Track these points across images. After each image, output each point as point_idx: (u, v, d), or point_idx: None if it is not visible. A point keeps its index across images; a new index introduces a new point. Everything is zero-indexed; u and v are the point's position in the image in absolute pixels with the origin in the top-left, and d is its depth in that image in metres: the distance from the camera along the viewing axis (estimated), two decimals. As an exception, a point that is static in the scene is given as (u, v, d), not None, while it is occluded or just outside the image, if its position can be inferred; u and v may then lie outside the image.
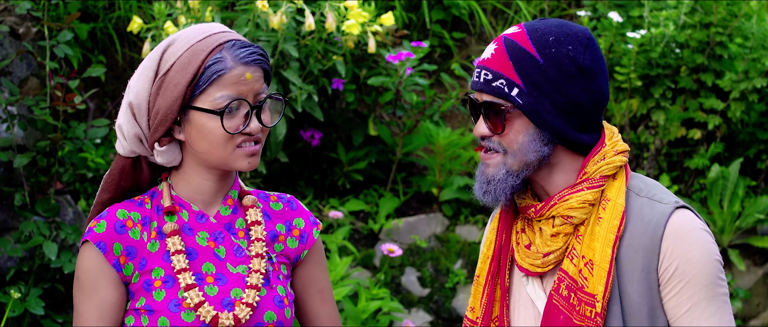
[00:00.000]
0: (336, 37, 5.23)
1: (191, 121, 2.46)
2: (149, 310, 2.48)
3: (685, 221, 2.46)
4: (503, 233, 2.60)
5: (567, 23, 2.50)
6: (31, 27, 4.79)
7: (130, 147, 2.51)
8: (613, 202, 2.48)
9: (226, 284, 2.51)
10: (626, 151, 2.54)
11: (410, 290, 5.49)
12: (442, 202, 5.74)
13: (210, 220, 2.54)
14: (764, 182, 5.92)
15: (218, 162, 2.48)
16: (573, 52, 2.45)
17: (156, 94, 2.46)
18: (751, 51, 5.74)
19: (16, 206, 4.50)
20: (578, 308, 2.45)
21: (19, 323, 4.49)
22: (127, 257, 2.49)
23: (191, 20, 4.96)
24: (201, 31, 2.49)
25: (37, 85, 4.84)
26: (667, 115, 5.81)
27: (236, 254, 2.54)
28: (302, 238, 2.64)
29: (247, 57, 2.46)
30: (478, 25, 6.53)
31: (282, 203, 2.65)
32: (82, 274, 2.49)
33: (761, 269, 5.73)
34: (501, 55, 2.46)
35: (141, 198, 2.55)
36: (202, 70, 2.43)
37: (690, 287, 2.44)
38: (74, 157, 4.65)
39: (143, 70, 2.48)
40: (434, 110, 5.58)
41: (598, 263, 2.45)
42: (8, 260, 4.55)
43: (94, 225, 2.49)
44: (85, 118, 5.47)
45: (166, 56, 2.46)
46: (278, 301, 2.55)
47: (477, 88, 2.49)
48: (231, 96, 2.43)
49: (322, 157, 5.78)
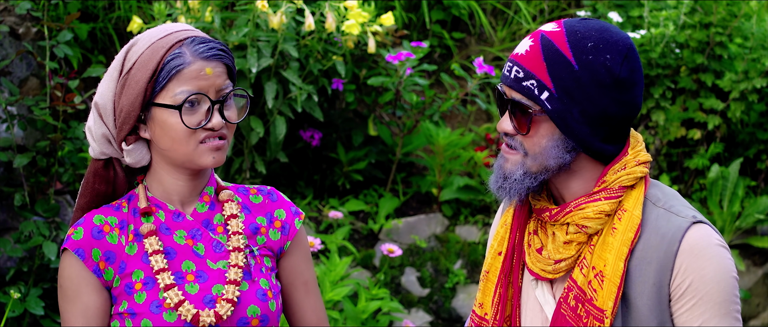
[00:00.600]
0: (336, 38, 5.23)
1: (154, 118, 2.46)
2: (132, 313, 2.48)
3: (701, 237, 2.39)
4: (517, 232, 2.55)
5: (609, 28, 2.41)
6: (30, 27, 4.79)
7: (100, 148, 2.52)
8: (630, 214, 2.41)
9: (207, 281, 2.50)
10: (648, 162, 2.47)
11: (410, 290, 5.49)
12: (441, 202, 5.74)
13: (187, 218, 2.54)
14: (764, 182, 5.92)
15: (183, 159, 2.48)
16: (611, 61, 2.36)
17: (120, 93, 2.47)
18: (750, 51, 5.75)
19: (15, 206, 4.50)
20: (585, 321, 2.40)
21: (18, 323, 4.48)
22: (106, 262, 2.49)
23: (191, 20, 4.96)
24: (163, 29, 2.50)
25: (36, 85, 4.84)
26: (666, 115, 5.81)
27: (216, 250, 2.54)
28: (284, 229, 2.62)
29: (207, 52, 2.46)
30: (477, 25, 6.53)
31: (262, 195, 2.64)
32: (65, 281, 2.50)
33: (761, 269, 5.73)
34: (536, 53, 2.38)
35: (118, 202, 2.55)
36: (161, 66, 2.44)
37: (702, 304, 2.38)
38: (74, 157, 4.65)
39: (109, 71, 2.50)
40: (434, 110, 5.58)
41: (609, 277, 2.39)
42: (8, 260, 4.55)
43: (72, 232, 2.50)
44: (85, 118, 5.47)
45: (129, 56, 2.48)
46: (261, 295, 2.53)
47: (507, 84, 2.41)
48: (190, 91, 2.43)
49: (322, 157, 5.78)
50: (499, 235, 2.59)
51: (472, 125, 6.22)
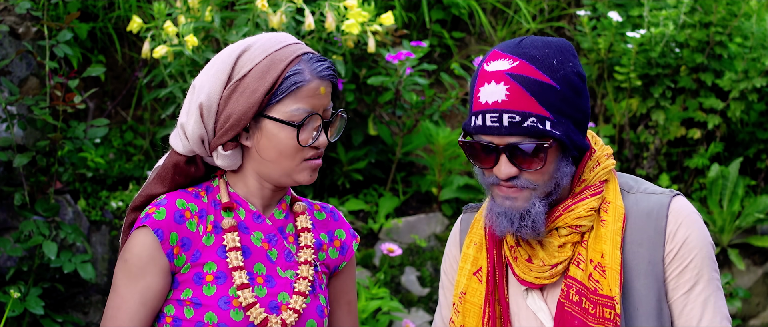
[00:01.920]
0: (335, 37, 5.23)
1: (262, 130, 2.46)
2: (196, 303, 2.47)
3: (683, 207, 2.51)
4: (494, 250, 2.58)
5: (548, 40, 2.48)
6: (30, 26, 4.79)
7: (191, 146, 2.50)
8: (614, 204, 2.50)
9: (275, 287, 2.52)
10: (612, 153, 2.56)
11: (410, 290, 5.49)
12: (441, 201, 5.74)
13: (266, 222, 2.55)
14: (764, 182, 5.92)
15: (282, 172, 2.49)
16: (574, 66, 2.45)
17: (228, 98, 2.45)
18: (750, 50, 5.74)
19: (15, 206, 4.51)
20: (593, 311, 2.45)
21: (18, 323, 4.49)
22: (181, 248, 2.48)
23: (190, 20, 4.96)
24: (277, 40, 2.49)
25: (36, 85, 4.84)
26: (666, 115, 5.81)
27: (287, 259, 2.56)
28: (343, 249, 2.67)
29: (324, 71, 2.47)
30: (477, 24, 6.53)
31: (325, 213, 2.68)
32: (132, 257, 2.47)
33: (761, 269, 5.73)
34: (518, 93, 2.40)
35: (195, 190, 2.54)
36: (281, 80, 2.44)
37: (688, 271, 2.48)
38: (74, 157, 4.65)
39: (215, 73, 2.47)
40: (434, 110, 5.58)
41: (609, 266, 2.45)
42: (8, 260, 4.55)
43: (153, 211, 2.47)
44: (85, 118, 5.47)
45: (242, 61, 2.46)
46: (320, 310, 2.57)
47: (499, 133, 2.41)
48: (307, 109, 2.45)
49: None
50: (470, 255, 2.62)
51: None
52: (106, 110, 5.67)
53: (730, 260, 5.68)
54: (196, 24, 4.94)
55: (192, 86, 2.50)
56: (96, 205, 5.15)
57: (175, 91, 4.95)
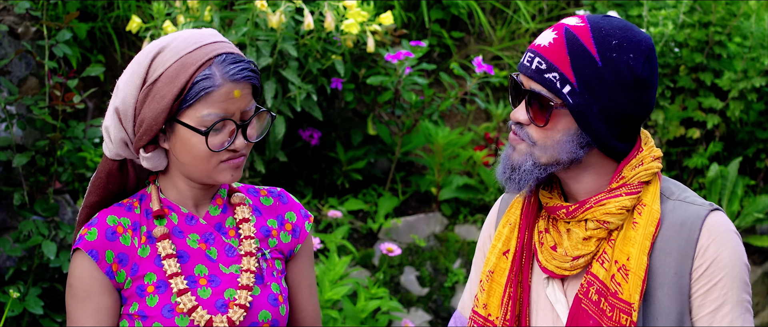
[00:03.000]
0: (335, 37, 5.23)
1: (176, 133, 2.42)
2: (143, 315, 2.46)
3: (719, 223, 2.43)
4: (526, 230, 2.54)
5: (632, 27, 2.43)
6: (29, 26, 4.79)
7: (116, 150, 2.48)
8: (649, 208, 2.44)
9: (220, 285, 2.49)
10: (661, 157, 2.50)
11: (409, 289, 5.49)
12: (441, 201, 5.74)
13: (200, 222, 2.52)
14: (763, 181, 5.92)
15: (201, 175, 2.46)
16: (633, 60, 2.38)
17: (142, 102, 2.41)
18: (750, 50, 5.74)
19: (15, 206, 4.50)
20: (610, 314, 2.41)
21: (18, 323, 4.48)
22: (119, 264, 2.46)
23: (190, 19, 4.96)
24: (192, 40, 2.42)
25: (36, 85, 4.84)
26: (666, 115, 5.81)
27: (228, 254, 2.52)
28: (294, 232, 2.62)
29: (238, 74, 2.40)
30: (477, 24, 6.53)
31: (272, 197, 2.62)
32: (75, 281, 2.47)
33: (760, 268, 5.73)
34: (559, 46, 2.38)
35: (129, 202, 2.52)
36: (189, 85, 2.37)
37: (717, 289, 2.40)
38: (73, 157, 4.65)
39: (131, 75, 2.42)
40: (433, 110, 5.58)
41: (633, 270, 2.40)
42: (7, 260, 4.54)
43: (85, 232, 2.46)
44: (84, 118, 5.47)
45: (155, 64, 2.40)
46: (272, 300, 2.53)
47: (527, 74, 2.40)
48: (218, 114, 2.38)
49: (321, 156, 5.78)
50: (503, 234, 2.58)
51: (471, 124, 6.22)
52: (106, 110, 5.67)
53: (730, 260, 5.68)
54: (195, 24, 4.94)
55: (115, 87, 2.46)
56: (95, 205, 5.15)
57: (175, 91, 4.95)
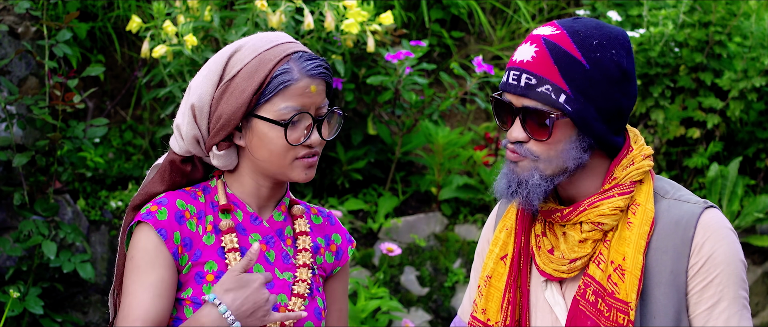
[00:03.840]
0: (335, 37, 5.23)
1: (253, 129, 2.46)
2: (196, 302, 2.46)
3: (714, 220, 2.43)
4: (522, 235, 2.55)
5: (604, 24, 2.44)
6: (30, 26, 4.79)
7: (187, 147, 2.51)
8: (643, 207, 2.44)
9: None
10: (652, 155, 2.50)
11: (409, 289, 5.49)
12: (441, 201, 5.74)
13: (263, 224, 2.55)
14: (763, 181, 5.92)
15: (276, 171, 2.49)
16: (616, 56, 2.39)
17: (219, 99, 2.46)
18: (750, 50, 5.74)
19: (15, 205, 4.50)
20: (607, 314, 2.41)
21: (18, 323, 4.48)
22: (184, 248, 2.48)
23: (190, 19, 4.96)
24: (268, 39, 2.49)
25: (36, 85, 4.84)
26: (666, 114, 5.81)
27: (284, 261, 2.55)
28: (338, 254, 2.67)
29: (314, 70, 2.46)
30: (477, 24, 6.53)
31: (322, 217, 2.68)
32: (141, 253, 2.45)
33: (760, 268, 5.73)
34: (544, 58, 2.38)
35: (193, 190, 2.54)
36: (269, 80, 2.43)
37: (713, 286, 2.41)
38: (73, 157, 4.65)
39: (207, 74, 2.48)
40: (433, 109, 5.58)
41: (629, 270, 2.40)
42: (7, 259, 4.54)
43: (155, 210, 2.46)
44: (84, 118, 5.47)
45: (233, 62, 2.47)
46: (317, 313, 2.57)
47: (516, 92, 2.40)
48: (295, 108, 2.44)
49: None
50: (501, 239, 2.59)
51: (471, 124, 6.22)
52: (106, 110, 5.67)
53: (730, 260, 5.68)
54: (195, 23, 4.94)
55: (188, 87, 2.51)
56: (95, 205, 5.15)
57: (175, 91, 4.95)
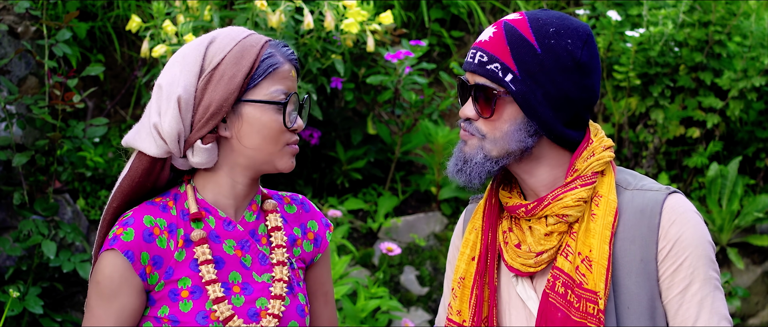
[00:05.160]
0: (335, 36, 5.23)
1: (242, 116, 2.43)
2: (174, 320, 2.42)
3: (678, 204, 2.47)
4: (489, 232, 2.58)
5: (568, 17, 2.49)
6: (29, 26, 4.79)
7: (167, 147, 2.43)
8: (606, 198, 2.48)
9: (252, 294, 2.48)
10: (613, 147, 2.54)
11: (409, 289, 5.49)
12: (440, 200, 5.74)
13: (237, 228, 2.50)
14: (763, 181, 5.92)
15: (264, 159, 2.46)
16: (572, 46, 2.44)
17: (204, 89, 2.42)
18: (749, 49, 5.74)
19: (14, 205, 4.50)
20: (577, 305, 2.44)
21: (18, 322, 4.48)
22: (153, 267, 2.42)
23: (189, 19, 4.96)
24: (240, 31, 2.50)
25: (35, 84, 4.84)
26: (665, 114, 5.81)
27: (261, 263, 2.51)
28: (316, 241, 2.63)
29: (291, 55, 2.50)
30: (476, 23, 6.53)
31: (296, 205, 2.63)
32: (104, 279, 2.41)
33: (760, 268, 5.73)
34: (499, 39, 2.46)
35: (163, 201, 2.48)
36: (258, 63, 2.44)
37: (683, 269, 2.43)
38: (73, 156, 4.65)
39: (185, 66, 2.43)
40: (433, 109, 5.58)
41: (596, 260, 2.43)
42: (7, 259, 4.54)
43: (121, 232, 2.41)
44: (84, 117, 5.47)
45: (212, 51, 2.45)
46: (300, 310, 2.54)
47: (470, 69, 2.49)
48: (283, 91, 2.45)
49: (321, 155, 5.78)
50: (470, 240, 2.62)
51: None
52: (105, 109, 5.67)
53: (729, 259, 5.68)
54: (195, 23, 4.94)
55: (157, 86, 2.43)
56: (95, 205, 5.15)
57: (174, 91, 4.95)
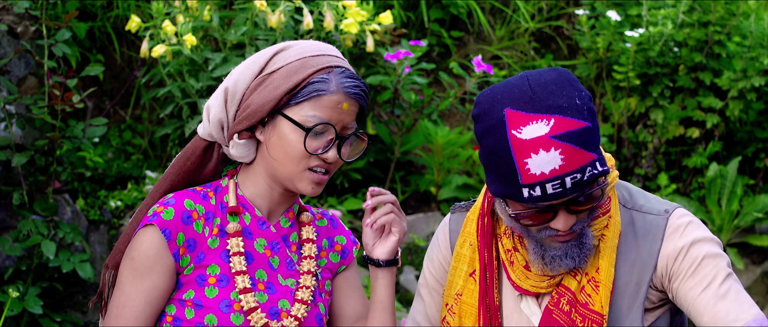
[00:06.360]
0: (334, 36, 5.23)
1: (276, 126, 2.47)
2: (198, 304, 2.46)
3: (679, 221, 2.48)
4: (484, 252, 2.57)
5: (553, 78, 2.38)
6: (29, 26, 4.79)
7: (210, 130, 2.52)
8: (614, 220, 2.48)
9: (275, 294, 2.52)
10: (615, 164, 2.54)
11: (409, 289, 5.49)
12: (440, 200, 5.74)
13: (270, 229, 2.56)
14: (762, 181, 5.92)
15: (285, 176, 2.49)
16: (584, 91, 2.38)
17: (254, 89, 2.48)
18: (749, 50, 5.74)
19: (14, 205, 4.50)
20: (581, 323, 2.45)
21: (17, 322, 4.48)
22: (187, 249, 2.47)
23: (189, 19, 4.96)
24: (317, 47, 2.51)
25: (35, 84, 4.84)
26: (665, 114, 5.81)
27: (288, 267, 2.56)
28: (343, 253, 2.69)
29: (351, 88, 2.47)
30: (476, 23, 6.52)
31: (326, 220, 2.70)
32: (140, 255, 2.46)
33: (759, 268, 5.73)
34: (571, 152, 2.30)
35: (204, 190, 2.54)
36: (305, 84, 2.45)
37: (703, 268, 2.43)
38: (72, 156, 4.65)
39: (250, 64, 2.50)
40: (432, 109, 5.58)
41: (603, 282, 2.44)
42: (6, 259, 4.54)
43: (161, 210, 2.46)
44: (84, 117, 5.47)
45: (277, 58, 2.49)
46: (319, 318, 2.58)
47: (566, 195, 2.33)
48: (321, 119, 2.44)
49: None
50: (466, 255, 2.61)
51: (470, 124, 6.22)
52: (105, 109, 5.67)
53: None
54: (194, 23, 4.94)
55: (229, 74, 2.54)
56: (94, 205, 5.15)
57: (174, 91, 4.95)
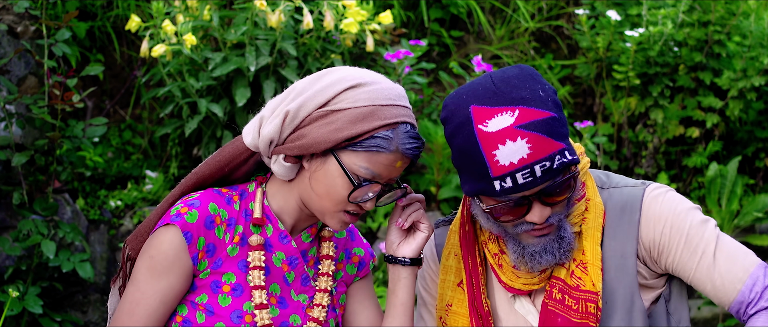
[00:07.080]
0: (334, 36, 5.22)
1: (325, 163, 2.43)
2: (209, 310, 2.45)
3: (656, 192, 2.51)
4: (468, 259, 2.59)
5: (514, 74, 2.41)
6: (29, 25, 4.79)
7: (257, 143, 2.46)
8: (593, 201, 2.52)
9: (287, 309, 2.51)
10: (584, 151, 2.57)
11: (409, 289, 5.48)
12: (440, 200, 5.74)
13: (291, 244, 2.53)
14: (762, 180, 5.92)
15: (318, 209, 2.47)
16: (548, 85, 2.40)
17: (314, 120, 2.41)
18: (749, 49, 5.74)
19: (14, 205, 4.50)
20: (576, 307, 2.46)
21: (17, 322, 4.48)
22: (206, 254, 2.45)
23: (189, 19, 4.96)
24: (388, 95, 2.44)
25: (35, 84, 4.84)
26: (665, 114, 5.81)
27: (302, 283, 2.55)
28: (360, 265, 2.68)
29: (410, 150, 2.45)
30: (476, 23, 6.52)
31: (346, 232, 2.68)
32: (159, 254, 2.43)
33: (759, 267, 5.73)
34: (538, 140, 2.33)
35: (229, 194, 2.50)
36: (368, 137, 2.40)
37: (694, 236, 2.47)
38: (72, 156, 4.65)
39: (317, 92, 2.42)
40: (432, 109, 5.58)
41: (591, 262, 2.47)
42: (6, 259, 4.54)
43: (186, 212, 2.43)
44: (83, 117, 5.47)
45: (346, 95, 2.42)
46: None
47: (536, 185, 2.35)
48: (372, 173, 2.42)
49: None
50: (452, 266, 2.62)
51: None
52: (105, 109, 5.67)
53: (729, 259, 5.67)
54: (194, 23, 4.94)
55: (291, 88, 2.46)
56: (94, 204, 5.15)
57: (174, 90, 4.95)
